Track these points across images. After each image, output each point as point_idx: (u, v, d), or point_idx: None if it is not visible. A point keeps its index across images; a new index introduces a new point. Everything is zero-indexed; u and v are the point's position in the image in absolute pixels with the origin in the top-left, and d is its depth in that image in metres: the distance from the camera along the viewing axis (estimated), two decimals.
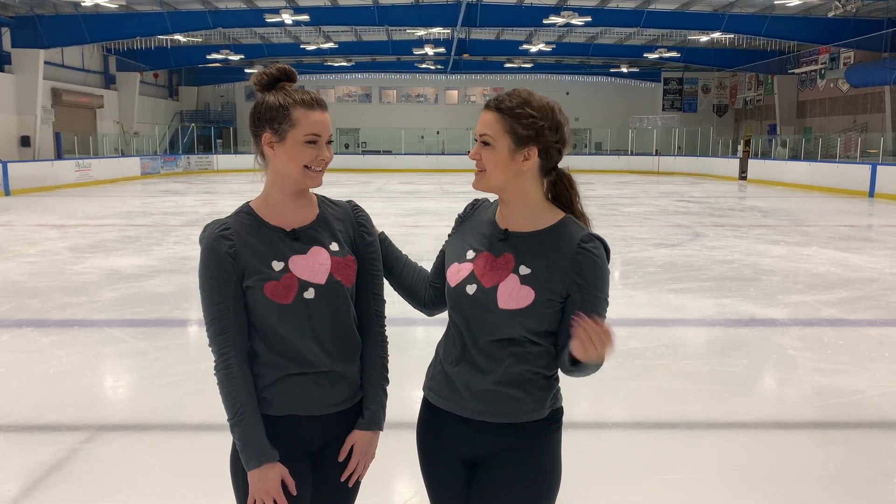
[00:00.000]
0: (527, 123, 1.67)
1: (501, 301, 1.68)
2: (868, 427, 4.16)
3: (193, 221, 14.09)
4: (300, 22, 25.00)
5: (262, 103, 1.73)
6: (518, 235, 1.74)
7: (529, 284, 1.68)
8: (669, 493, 3.31)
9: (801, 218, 15.34)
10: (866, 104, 27.76)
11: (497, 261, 1.73)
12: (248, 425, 1.69)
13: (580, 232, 1.72)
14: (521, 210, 1.75)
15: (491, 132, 1.69)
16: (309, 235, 1.77)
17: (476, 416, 1.75)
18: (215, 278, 1.70)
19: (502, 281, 1.70)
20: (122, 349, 5.55)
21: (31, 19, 23.65)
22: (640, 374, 4.97)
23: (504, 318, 1.68)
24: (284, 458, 1.74)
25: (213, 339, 1.72)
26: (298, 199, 1.79)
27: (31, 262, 9.19)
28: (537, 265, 1.69)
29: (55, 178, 22.64)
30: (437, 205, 17.48)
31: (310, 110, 1.71)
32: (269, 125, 1.71)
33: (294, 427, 1.76)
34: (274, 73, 1.75)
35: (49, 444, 3.77)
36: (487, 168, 1.71)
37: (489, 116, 1.70)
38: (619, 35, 31.41)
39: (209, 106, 41.75)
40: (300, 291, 1.71)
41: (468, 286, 1.73)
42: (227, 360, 1.72)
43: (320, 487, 1.83)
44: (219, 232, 1.72)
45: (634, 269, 8.99)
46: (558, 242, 1.71)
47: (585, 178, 31.70)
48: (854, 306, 7.00)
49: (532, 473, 1.72)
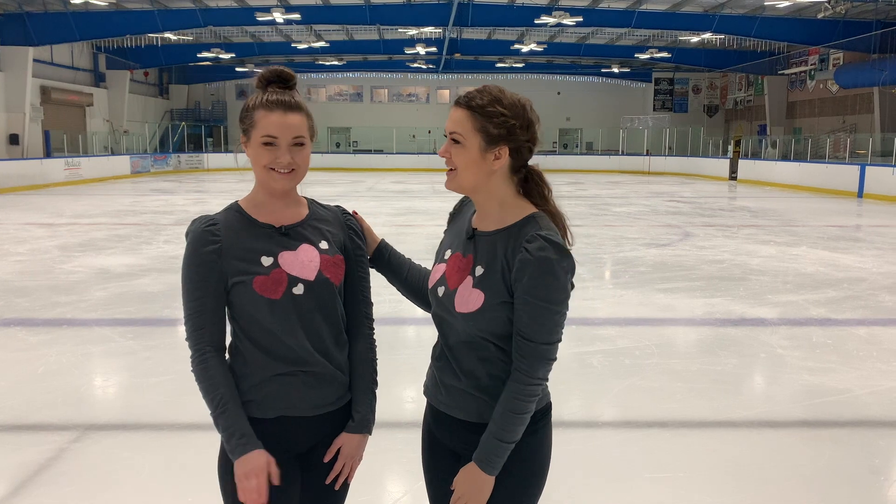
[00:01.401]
0: (498, 122, 1.63)
1: (458, 304, 1.67)
2: (856, 425, 4.19)
3: (183, 220, 14.03)
4: (291, 21, 24.94)
5: (244, 104, 1.77)
6: (481, 235, 1.72)
7: (480, 287, 1.65)
8: (659, 491, 3.33)
9: (791, 218, 15.43)
10: (855, 105, 27.94)
11: (463, 261, 1.72)
12: (231, 415, 1.69)
13: (532, 229, 1.62)
14: (490, 209, 1.72)
15: (461, 130, 1.65)
16: (298, 233, 1.78)
17: (450, 411, 1.76)
18: (196, 273, 1.70)
19: (461, 283, 1.69)
20: (112, 348, 5.52)
21: (19, 16, 23.48)
22: (630, 373, 4.99)
23: (461, 321, 1.67)
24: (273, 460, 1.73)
25: (190, 335, 1.72)
26: (284, 199, 1.80)
27: (19, 261, 9.13)
28: (490, 266, 1.65)
29: (44, 177, 22.51)
30: (429, 204, 17.47)
31: (269, 112, 1.70)
32: (242, 126, 1.75)
33: (283, 429, 1.75)
34: (266, 74, 1.76)
35: (37, 444, 3.75)
36: (458, 167, 1.69)
37: (459, 114, 1.66)
38: (611, 35, 31.52)
39: (199, 104, 41.59)
40: (289, 287, 1.71)
41: (439, 288, 1.75)
42: (203, 355, 1.71)
43: (310, 489, 1.83)
44: (205, 227, 1.73)
45: (625, 269, 9.02)
46: (511, 241, 1.64)
47: (576, 177, 31.73)
48: (842, 306, 7.04)
49: (506, 476, 1.69)
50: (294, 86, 1.78)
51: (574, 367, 5.05)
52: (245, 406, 1.73)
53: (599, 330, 6.05)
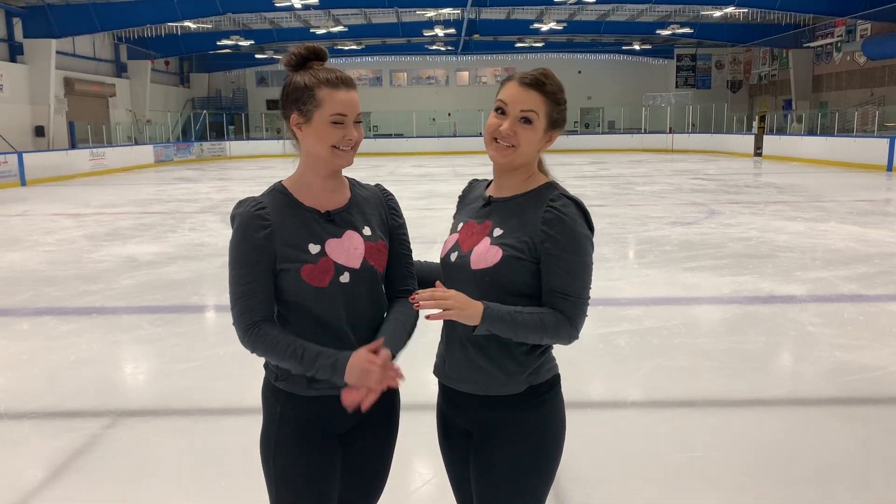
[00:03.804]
0: (562, 110, 1.73)
1: (473, 262, 1.71)
2: (889, 403, 4.12)
3: (208, 208, 14.15)
4: (309, 6, 24.90)
5: (290, 84, 1.70)
6: (498, 201, 1.77)
7: (498, 244, 1.70)
8: (687, 470, 3.31)
9: (818, 193, 15.18)
10: (884, 77, 27.31)
11: (478, 227, 1.76)
12: (309, 352, 1.65)
13: (553, 192, 1.72)
14: (516, 181, 1.77)
15: (537, 111, 1.70)
16: (343, 218, 1.77)
17: (458, 386, 1.78)
18: (247, 257, 1.68)
19: (477, 244, 1.73)
20: (141, 335, 5.59)
21: (41, 9, 23.69)
22: (656, 353, 4.95)
23: (476, 278, 1.69)
24: (315, 440, 1.75)
25: (239, 316, 1.69)
26: (331, 181, 1.78)
27: (48, 251, 9.27)
28: (509, 225, 1.71)
29: (70, 168, 22.80)
30: (450, 187, 17.43)
31: (334, 90, 1.67)
32: (296, 106, 1.69)
33: (324, 408, 1.75)
34: (302, 52, 1.72)
35: (72, 430, 3.82)
36: (522, 145, 1.70)
37: (534, 96, 1.69)
38: (631, 12, 31.03)
39: (220, 92, 41.78)
40: (336, 275, 1.70)
41: (451, 254, 1.78)
42: (255, 325, 1.68)
43: (350, 470, 1.84)
44: (255, 210, 1.70)
45: (650, 249, 8.94)
46: (533, 203, 1.72)
47: (598, 157, 31.45)
48: (874, 281, 6.92)
49: (511, 449, 1.71)
50: (326, 60, 1.75)
51: (600, 348, 5.03)
52: (287, 381, 1.73)
53: (625, 310, 6.01)
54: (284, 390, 1.76)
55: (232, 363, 4.74)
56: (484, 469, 1.75)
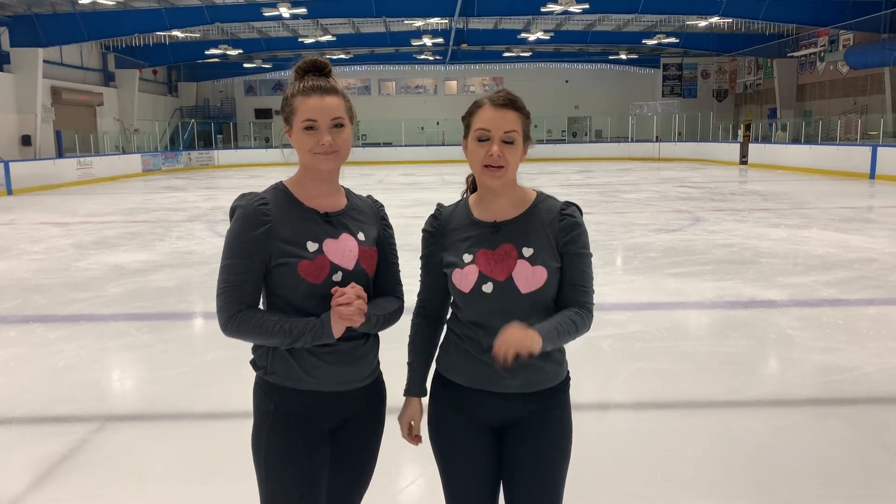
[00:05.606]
0: (529, 122, 1.85)
1: (522, 287, 1.78)
2: (865, 403, 4.21)
3: (195, 217, 14.15)
4: (298, 15, 24.94)
5: (283, 96, 1.82)
6: (507, 223, 1.84)
7: (539, 263, 1.79)
8: (670, 471, 3.37)
9: (802, 201, 15.35)
10: (866, 86, 27.66)
11: (496, 253, 1.81)
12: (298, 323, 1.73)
13: (556, 202, 1.89)
14: (508, 199, 1.86)
15: (516, 129, 1.79)
16: (340, 221, 1.84)
17: (504, 388, 1.83)
18: (243, 250, 1.75)
19: (513, 270, 1.79)
20: (128, 342, 5.61)
21: (28, 18, 23.65)
22: (640, 356, 5.02)
23: (529, 301, 1.79)
24: (305, 434, 1.80)
25: (226, 304, 1.75)
26: (324, 185, 1.85)
27: (35, 260, 9.25)
28: (536, 243, 1.81)
29: (57, 177, 22.70)
30: (438, 195, 17.40)
31: (306, 97, 1.75)
32: (284, 116, 1.80)
33: (314, 402, 1.81)
34: (302, 65, 1.82)
35: (60, 435, 3.83)
36: (510, 164, 1.79)
37: (513, 116, 1.79)
38: (618, 22, 31.32)
39: (209, 101, 41.74)
40: (330, 273, 1.78)
41: (483, 286, 1.80)
42: (238, 311, 1.74)
43: (338, 464, 1.90)
44: (257, 205, 1.77)
45: (635, 255, 9.04)
46: (543, 217, 1.85)
47: (585, 166, 31.62)
48: (853, 286, 7.04)
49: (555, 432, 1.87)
50: (330, 73, 1.82)
51: (584, 351, 5.09)
52: (278, 375, 1.79)
53: (610, 315, 6.08)
54: (276, 385, 1.81)
55: (218, 369, 4.77)
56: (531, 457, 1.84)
